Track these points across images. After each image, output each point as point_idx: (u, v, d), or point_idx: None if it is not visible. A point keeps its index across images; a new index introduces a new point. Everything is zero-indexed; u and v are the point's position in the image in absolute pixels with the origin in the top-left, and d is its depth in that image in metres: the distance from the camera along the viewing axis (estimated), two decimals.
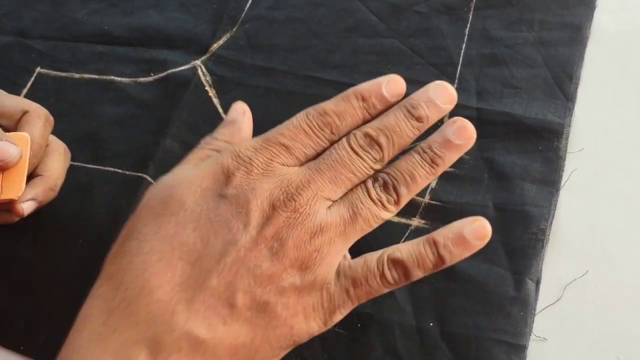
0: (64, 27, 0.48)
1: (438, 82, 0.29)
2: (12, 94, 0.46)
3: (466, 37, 0.42)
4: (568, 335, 0.32)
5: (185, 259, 0.25)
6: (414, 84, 0.40)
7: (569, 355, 0.32)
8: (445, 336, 0.33)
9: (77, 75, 0.46)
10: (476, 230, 0.27)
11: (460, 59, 0.41)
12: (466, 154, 0.38)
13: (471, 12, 0.43)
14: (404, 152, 0.29)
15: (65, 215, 0.40)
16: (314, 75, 0.42)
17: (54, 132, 0.44)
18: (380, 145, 0.28)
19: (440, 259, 0.26)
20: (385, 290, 0.27)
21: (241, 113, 0.33)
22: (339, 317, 0.27)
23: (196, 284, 0.24)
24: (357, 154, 0.27)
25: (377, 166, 0.28)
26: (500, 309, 0.33)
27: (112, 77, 0.45)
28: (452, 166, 0.37)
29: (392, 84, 0.29)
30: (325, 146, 0.28)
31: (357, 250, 0.36)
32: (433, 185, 0.37)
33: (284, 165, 0.27)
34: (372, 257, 0.27)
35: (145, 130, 0.43)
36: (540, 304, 0.33)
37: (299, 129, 0.28)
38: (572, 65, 0.39)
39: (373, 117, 0.29)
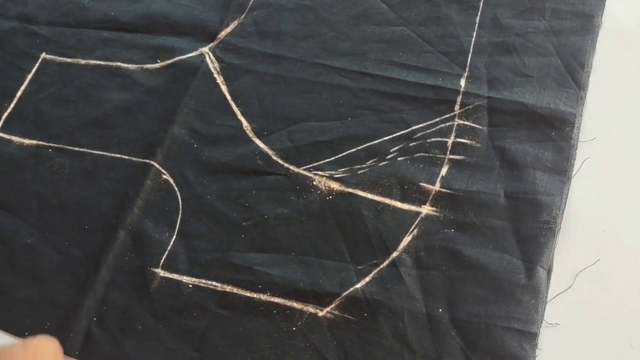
0: (69, 13, 0.48)
1: None
2: (17, 79, 0.46)
3: (477, 25, 0.41)
4: (579, 323, 0.32)
5: None
6: (425, 72, 0.41)
7: (581, 342, 0.32)
8: (456, 323, 0.33)
9: (83, 61, 0.45)
10: None
11: (471, 47, 0.41)
12: (477, 142, 0.38)
13: (482, 1, 0.42)
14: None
15: (71, 201, 0.40)
16: (324, 62, 0.42)
17: (60, 117, 0.43)
18: None
19: None
20: None
21: None
22: None
23: None
24: None
25: None
26: (511, 296, 0.33)
27: (118, 64, 0.45)
28: (462, 154, 0.38)
29: None
30: None
31: (365, 239, 0.36)
32: (443, 173, 0.37)
33: None
34: None
35: (152, 117, 0.42)
36: (552, 291, 0.33)
37: None
38: (584, 53, 0.39)
39: None
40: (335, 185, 0.38)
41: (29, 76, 0.46)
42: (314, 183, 0.38)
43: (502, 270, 0.34)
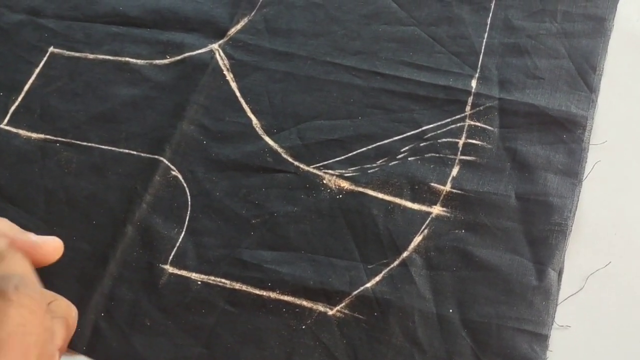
0: (77, 7, 0.47)
1: None
2: (24, 73, 0.46)
3: (488, 26, 0.42)
4: (591, 325, 0.32)
5: None
6: (436, 72, 0.41)
7: (592, 344, 0.32)
8: (467, 324, 0.33)
9: (91, 56, 0.45)
10: None
11: (483, 48, 0.41)
12: (488, 143, 0.38)
13: (493, 2, 0.42)
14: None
15: (79, 196, 0.40)
16: (334, 61, 0.42)
17: (68, 111, 0.43)
18: None
19: None
20: None
21: None
22: None
23: None
24: None
25: None
26: (522, 298, 0.33)
27: (127, 59, 0.45)
28: (473, 155, 0.38)
29: None
30: None
31: (375, 238, 0.36)
32: (454, 173, 0.37)
33: None
34: None
35: (161, 113, 0.42)
36: (563, 293, 0.33)
37: None
38: (596, 56, 0.39)
39: None
40: (346, 184, 0.38)
41: (37, 70, 0.45)
42: (324, 182, 0.38)
43: (513, 271, 0.34)
